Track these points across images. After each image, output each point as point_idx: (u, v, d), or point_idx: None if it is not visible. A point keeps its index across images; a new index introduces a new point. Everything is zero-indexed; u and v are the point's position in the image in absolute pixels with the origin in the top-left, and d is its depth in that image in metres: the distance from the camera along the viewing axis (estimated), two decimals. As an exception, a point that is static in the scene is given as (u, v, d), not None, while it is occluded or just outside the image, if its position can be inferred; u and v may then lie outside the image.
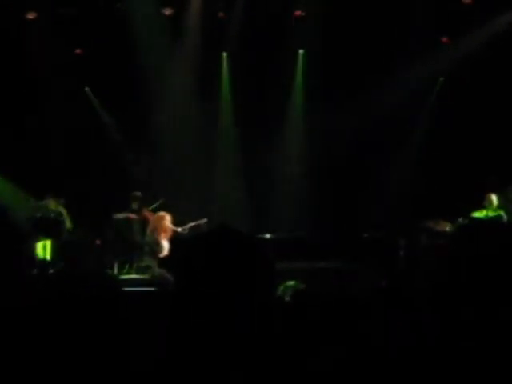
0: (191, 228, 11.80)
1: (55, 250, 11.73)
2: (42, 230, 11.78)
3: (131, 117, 13.50)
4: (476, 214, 11.03)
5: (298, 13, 13.58)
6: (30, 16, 13.23)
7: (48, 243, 11.79)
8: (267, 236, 12.30)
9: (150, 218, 11.81)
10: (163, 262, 10.96)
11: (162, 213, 11.67)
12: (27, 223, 12.04)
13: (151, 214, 11.87)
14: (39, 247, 11.74)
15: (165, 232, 11.49)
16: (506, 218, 10.93)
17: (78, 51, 13.74)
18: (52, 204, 12.09)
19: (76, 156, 13.61)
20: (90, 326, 1.95)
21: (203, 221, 11.94)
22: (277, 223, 13.09)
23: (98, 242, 12.21)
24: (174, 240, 11.50)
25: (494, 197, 11.15)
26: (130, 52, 13.36)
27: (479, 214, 11.02)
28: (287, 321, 2.65)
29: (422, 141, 13.75)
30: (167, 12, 13.52)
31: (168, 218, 11.56)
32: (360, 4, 12.88)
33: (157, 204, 12.02)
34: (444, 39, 13.48)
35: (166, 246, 11.42)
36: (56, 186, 12.31)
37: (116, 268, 11.67)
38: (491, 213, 11.01)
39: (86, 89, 14.19)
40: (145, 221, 12.07)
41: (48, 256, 11.68)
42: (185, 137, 13.77)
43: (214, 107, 14.37)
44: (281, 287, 4.50)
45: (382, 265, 10.55)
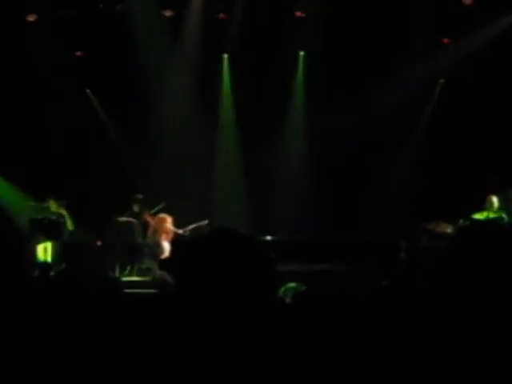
0: (192, 230, 11.79)
1: (56, 252, 11.72)
2: (43, 232, 11.78)
3: (131, 117, 13.50)
4: (477, 216, 11.01)
5: (299, 14, 13.58)
6: (31, 18, 13.24)
7: (49, 245, 11.77)
8: (268, 238, 12.30)
9: (151, 222, 11.81)
10: (164, 264, 10.97)
11: (163, 215, 11.68)
12: (28, 225, 12.04)
13: (152, 218, 11.87)
14: (40, 249, 11.73)
15: (166, 234, 11.51)
16: (507, 220, 10.92)
17: (79, 53, 13.74)
18: (53, 206, 12.08)
19: (77, 157, 13.60)
20: (91, 328, 1.95)
21: (204, 222, 11.93)
22: (277, 224, 13.07)
23: (99, 244, 12.20)
24: (175, 242, 11.51)
25: (495, 198, 11.13)
26: (131, 53, 13.36)
27: (480, 216, 11.01)
28: (288, 322, 2.66)
29: (423, 141, 13.74)
30: (167, 14, 13.53)
31: (169, 220, 11.58)
32: (360, 4, 12.89)
33: (158, 208, 12.01)
34: (444, 40, 13.49)
35: (167, 248, 11.44)
36: (57, 188, 12.30)
37: (117, 270, 11.66)
38: (492, 214, 10.99)
39: (87, 91, 14.19)
40: (146, 223, 12.07)
41: (49, 258, 11.67)
42: (185, 137, 13.76)
43: (214, 107, 14.36)
44: (281, 289, 4.49)
45: (383, 266, 10.54)
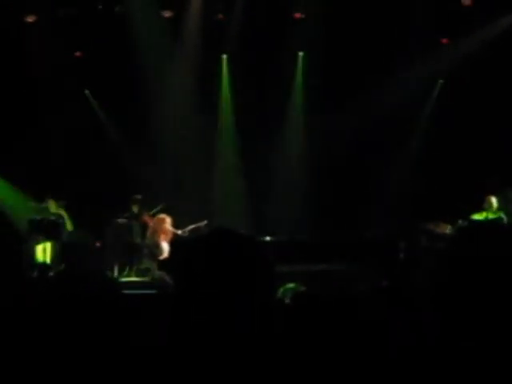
0: (191, 230, 11.79)
1: (55, 253, 11.72)
2: (42, 233, 11.77)
3: (131, 118, 13.50)
4: (476, 216, 11.02)
5: (298, 14, 13.58)
6: (30, 19, 13.24)
7: (48, 245, 11.77)
8: (267, 239, 12.30)
9: (150, 222, 11.81)
10: (163, 265, 10.97)
11: (163, 215, 11.68)
12: (27, 226, 12.04)
13: (151, 219, 11.87)
14: (39, 250, 11.72)
15: (165, 234, 11.50)
16: (506, 220, 10.93)
17: (78, 54, 13.74)
18: (53, 206, 12.07)
19: (76, 158, 13.61)
20: (90, 329, 1.95)
21: (203, 223, 11.92)
22: (276, 224, 13.08)
23: (98, 245, 12.20)
24: (174, 242, 11.51)
25: (494, 199, 11.14)
26: (130, 54, 13.36)
27: (479, 216, 11.01)
28: (287, 323, 2.65)
29: (422, 141, 13.74)
30: (167, 14, 13.53)
31: (168, 221, 11.57)
32: (360, 4, 12.89)
33: (157, 209, 12.00)
34: (444, 40, 13.49)
35: (166, 249, 11.43)
36: (56, 188, 12.30)
37: (116, 270, 11.65)
38: (491, 215, 11.00)
39: (86, 92, 14.19)
40: (145, 224, 12.07)
41: (48, 258, 11.67)
42: (184, 137, 13.77)
43: (214, 108, 14.37)
44: (281, 289, 4.49)
45: (382, 266, 10.54)
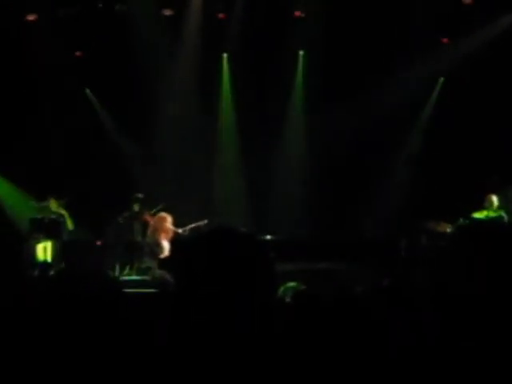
0: (191, 229, 11.79)
1: (56, 252, 11.72)
2: (43, 232, 11.77)
3: (131, 117, 13.49)
4: (476, 215, 11.01)
5: (298, 13, 13.58)
6: (30, 18, 13.24)
7: (49, 244, 11.77)
8: (268, 237, 12.29)
9: (151, 221, 11.80)
10: (163, 263, 10.96)
11: (163, 214, 11.67)
12: (28, 225, 12.04)
13: (152, 217, 11.86)
14: (40, 249, 11.72)
15: (165, 233, 11.50)
16: (507, 219, 10.93)
17: (78, 53, 13.74)
18: (54, 205, 12.07)
19: (77, 157, 13.59)
20: (91, 327, 1.95)
21: (203, 222, 11.92)
22: (277, 223, 13.07)
23: (99, 243, 12.20)
24: (175, 241, 11.51)
25: (495, 197, 11.13)
26: (130, 53, 13.35)
27: (480, 215, 11.01)
28: (288, 321, 2.65)
29: (423, 141, 13.74)
30: (167, 13, 13.53)
31: (169, 220, 11.57)
32: (360, 4, 12.88)
33: (157, 209, 11.99)
34: (444, 39, 13.48)
35: (167, 247, 11.43)
36: (57, 187, 12.29)
37: (117, 269, 11.65)
38: (492, 213, 10.99)
39: (87, 90, 14.18)
40: (145, 222, 12.06)
41: (49, 257, 11.67)
42: (184, 136, 13.76)
43: (214, 107, 14.36)
44: (281, 288, 4.50)
45: (383, 265, 10.54)
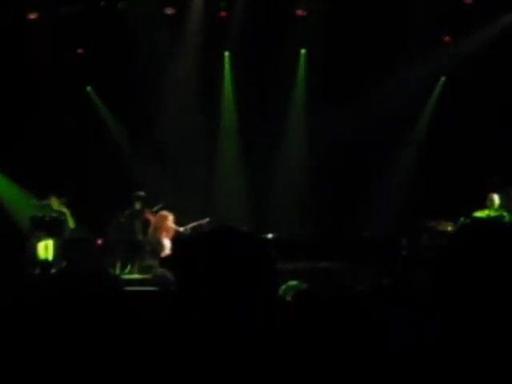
0: (193, 228, 11.79)
1: (57, 250, 11.72)
2: (44, 230, 11.78)
3: (132, 115, 13.49)
4: (478, 214, 11.02)
5: (300, 12, 13.57)
6: (32, 16, 13.24)
7: (50, 243, 11.78)
8: (269, 236, 12.29)
9: (152, 219, 11.81)
10: (165, 262, 10.97)
11: (165, 212, 11.68)
12: (29, 223, 12.05)
13: (153, 215, 11.87)
14: (41, 247, 11.73)
15: (167, 231, 11.51)
16: (508, 218, 10.92)
17: (80, 51, 13.74)
18: (55, 203, 12.08)
19: (78, 155, 13.58)
20: (92, 326, 1.96)
21: (205, 220, 11.92)
22: (277, 223, 13.06)
23: (100, 242, 12.20)
24: (176, 240, 11.52)
25: (496, 196, 11.14)
26: (132, 51, 13.36)
27: (481, 214, 11.01)
28: (289, 320, 2.66)
29: (423, 140, 13.74)
30: (169, 11, 13.53)
31: (170, 218, 11.58)
32: (360, 4, 12.88)
33: (158, 207, 12.00)
34: (446, 38, 13.47)
35: (168, 246, 11.45)
36: (58, 185, 12.29)
37: (118, 268, 11.66)
38: (493, 212, 10.99)
39: (88, 88, 14.18)
40: (147, 220, 12.07)
41: (50, 256, 11.67)
42: (185, 135, 13.76)
43: (215, 106, 14.35)
44: (283, 287, 4.50)
45: (384, 264, 10.54)
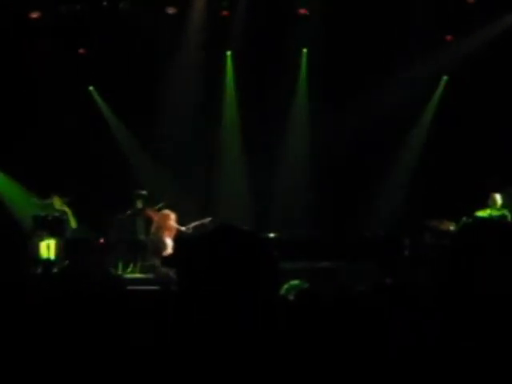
0: (195, 227, 11.80)
1: (59, 249, 11.74)
2: (46, 229, 11.80)
3: (134, 115, 13.48)
4: (480, 214, 11.02)
5: (301, 11, 13.57)
6: (34, 15, 13.24)
7: (52, 242, 11.79)
8: (271, 235, 12.29)
9: (154, 217, 11.81)
10: (167, 261, 10.98)
11: (167, 211, 11.68)
12: (31, 222, 12.06)
13: (155, 214, 11.87)
14: (43, 246, 11.74)
15: (169, 230, 11.51)
16: (510, 218, 10.92)
17: (81, 51, 13.74)
18: (57, 203, 12.10)
19: (79, 154, 13.57)
20: (94, 325, 1.96)
21: (207, 220, 11.93)
22: (278, 223, 13.06)
23: (102, 241, 12.21)
24: (178, 239, 11.52)
25: (498, 196, 11.14)
26: (134, 51, 13.35)
27: (483, 214, 11.01)
28: (291, 320, 2.66)
29: (425, 139, 13.72)
30: (171, 11, 13.53)
31: (172, 217, 11.58)
32: (361, 4, 12.87)
33: (160, 206, 12.01)
34: (447, 38, 13.45)
35: (170, 245, 11.44)
36: (60, 185, 12.30)
37: (120, 267, 11.67)
38: (495, 212, 11.00)
39: (90, 88, 14.18)
40: (149, 219, 12.07)
41: (52, 255, 11.69)
42: (187, 135, 13.75)
43: (217, 105, 14.35)
44: (285, 286, 4.50)
45: (386, 264, 10.54)
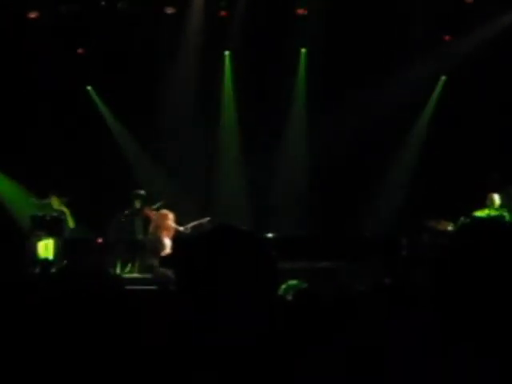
0: (193, 227, 11.80)
1: (57, 249, 11.74)
2: (45, 229, 11.79)
3: (133, 115, 13.48)
4: (478, 214, 11.02)
5: (300, 11, 13.57)
6: (32, 15, 13.23)
7: (50, 242, 11.79)
8: (269, 235, 12.29)
9: (152, 217, 11.82)
10: (165, 261, 10.98)
11: (165, 211, 11.68)
12: (29, 222, 12.05)
13: (153, 213, 11.87)
14: (41, 246, 11.74)
15: (167, 230, 11.51)
16: (508, 218, 10.93)
17: (80, 51, 13.74)
18: (55, 202, 12.10)
19: (77, 154, 13.58)
20: (93, 326, 1.96)
21: (206, 220, 11.93)
22: (277, 223, 13.07)
23: (100, 241, 12.20)
24: (176, 239, 11.52)
25: (496, 196, 11.15)
26: (132, 51, 13.36)
27: (481, 214, 11.02)
28: (289, 319, 2.66)
29: (423, 140, 13.74)
30: (169, 11, 13.53)
31: (171, 217, 11.58)
32: (361, 3, 12.88)
33: (158, 205, 12.01)
34: (446, 37, 13.47)
35: (168, 245, 11.44)
36: (58, 185, 12.30)
37: (118, 267, 11.67)
38: (493, 212, 11.01)
39: (88, 87, 14.18)
40: (147, 219, 12.07)
41: (50, 255, 11.68)
42: (186, 135, 13.76)
43: (216, 105, 14.35)
44: (283, 286, 4.51)
45: (384, 264, 10.55)
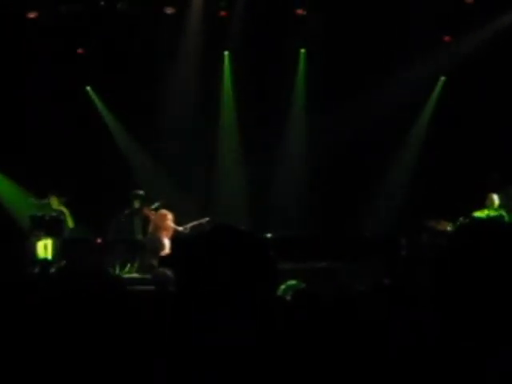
0: (192, 227, 11.80)
1: (57, 249, 11.73)
2: (44, 229, 11.79)
3: (133, 115, 13.48)
4: (477, 214, 11.02)
5: (300, 12, 13.58)
6: (31, 15, 13.22)
7: (49, 242, 11.78)
8: (268, 235, 12.29)
9: (152, 217, 11.82)
10: (164, 261, 10.98)
11: (165, 211, 11.69)
12: (29, 222, 12.05)
13: (153, 213, 11.87)
14: (40, 246, 11.74)
15: (166, 230, 11.52)
16: (508, 218, 10.93)
17: (80, 51, 13.73)
18: (55, 202, 12.10)
19: (77, 155, 13.56)
20: (92, 326, 1.96)
21: (205, 220, 11.93)
22: (277, 223, 13.07)
23: (100, 241, 12.20)
24: (175, 239, 11.53)
25: (496, 196, 11.15)
26: (131, 51, 13.36)
27: (480, 214, 11.02)
28: (288, 320, 2.66)
29: (423, 140, 13.74)
30: (169, 11, 13.53)
31: (170, 217, 11.59)
32: (361, 4, 12.88)
33: (157, 205, 12.01)
34: (446, 38, 13.47)
35: (168, 245, 11.45)
36: (57, 185, 12.29)
37: (117, 267, 11.66)
38: (492, 212, 11.01)
39: (88, 88, 14.17)
40: (146, 219, 12.07)
41: (49, 255, 11.68)
42: (186, 135, 13.76)
43: (216, 105, 14.35)
44: (282, 286, 4.51)
45: (384, 264, 10.55)
